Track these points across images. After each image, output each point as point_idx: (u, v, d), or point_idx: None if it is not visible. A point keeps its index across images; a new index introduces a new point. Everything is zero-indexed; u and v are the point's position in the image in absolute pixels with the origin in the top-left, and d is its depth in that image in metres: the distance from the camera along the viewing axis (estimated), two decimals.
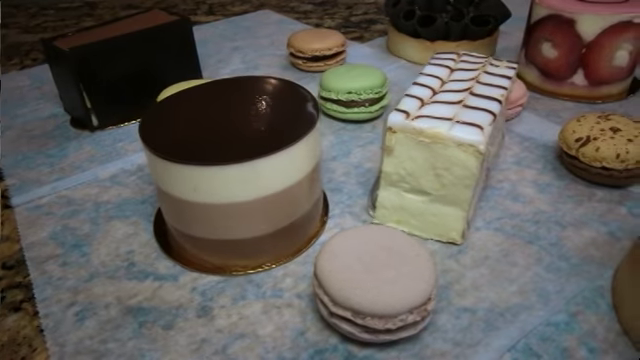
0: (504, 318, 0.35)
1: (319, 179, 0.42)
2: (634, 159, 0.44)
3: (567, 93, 0.62)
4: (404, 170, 0.40)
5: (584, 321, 0.34)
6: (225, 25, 0.91)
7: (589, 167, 0.46)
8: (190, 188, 0.36)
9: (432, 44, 0.70)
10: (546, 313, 0.35)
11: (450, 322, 0.35)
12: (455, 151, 0.37)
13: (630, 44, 0.58)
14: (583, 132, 0.47)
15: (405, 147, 0.39)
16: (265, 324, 0.35)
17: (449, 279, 0.38)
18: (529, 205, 0.45)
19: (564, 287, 0.37)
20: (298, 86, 0.43)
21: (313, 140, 0.39)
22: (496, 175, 0.49)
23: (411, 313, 0.32)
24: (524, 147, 0.53)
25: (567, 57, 0.60)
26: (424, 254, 0.34)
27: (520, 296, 0.36)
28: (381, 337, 0.32)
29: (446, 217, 0.40)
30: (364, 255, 0.34)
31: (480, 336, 0.34)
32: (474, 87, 0.42)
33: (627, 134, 0.45)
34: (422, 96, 0.41)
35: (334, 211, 0.46)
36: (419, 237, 0.42)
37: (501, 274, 0.38)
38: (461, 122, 0.37)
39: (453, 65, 0.47)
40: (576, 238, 0.41)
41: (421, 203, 0.41)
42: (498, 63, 0.47)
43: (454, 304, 0.36)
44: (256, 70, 0.73)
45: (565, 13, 0.58)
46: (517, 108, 0.57)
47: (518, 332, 0.34)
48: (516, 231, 0.42)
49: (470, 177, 0.37)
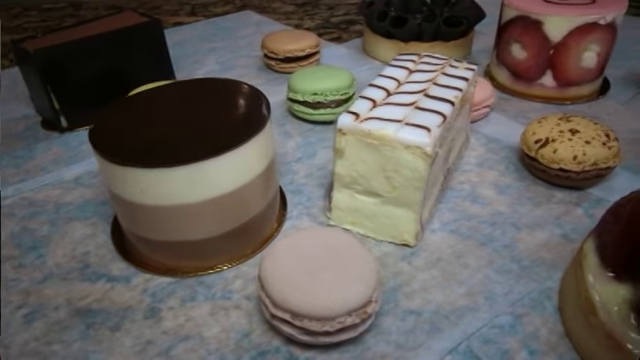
0: (449, 320, 0.35)
1: (274, 180, 0.42)
2: (591, 161, 0.44)
3: (537, 94, 0.62)
4: (355, 172, 0.40)
5: (528, 323, 0.34)
6: (205, 26, 0.92)
7: (548, 169, 0.46)
8: (137, 190, 0.36)
9: (405, 45, 0.70)
10: (491, 315, 0.35)
11: (395, 324, 0.35)
12: (403, 153, 0.37)
13: (597, 45, 0.58)
14: (543, 134, 0.47)
15: (355, 149, 0.39)
16: (211, 325, 0.35)
17: (399, 281, 0.38)
18: (487, 207, 0.45)
19: (512, 289, 0.37)
20: (251, 87, 0.43)
21: (264, 141, 0.39)
22: (458, 176, 0.49)
23: (350, 315, 0.32)
24: (489, 148, 0.53)
25: (536, 58, 0.60)
26: (367, 257, 0.34)
27: (467, 298, 0.36)
28: (320, 339, 0.32)
29: (398, 219, 0.40)
30: (307, 257, 0.34)
31: (423, 338, 0.34)
32: (429, 89, 0.42)
33: (585, 136, 0.45)
34: (375, 98, 0.41)
35: (292, 213, 0.46)
36: (373, 239, 0.42)
37: (451, 276, 0.38)
38: (410, 124, 0.37)
39: (413, 67, 0.47)
40: (529, 240, 0.41)
41: (374, 205, 0.41)
42: (458, 64, 0.47)
43: (401, 306, 0.36)
44: (231, 71, 0.73)
45: (532, 14, 0.58)
46: (484, 109, 0.57)
47: (461, 334, 0.34)
48: (471, 233, 0.42)
49: (419, 179, 0.37)
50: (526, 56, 0.60)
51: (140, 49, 0.63)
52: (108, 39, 0.59)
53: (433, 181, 0.41)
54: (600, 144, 0.45)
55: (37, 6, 1.05)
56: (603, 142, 0.45)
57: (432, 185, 0.41)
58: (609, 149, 0.45)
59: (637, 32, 0.80)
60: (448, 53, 0.70)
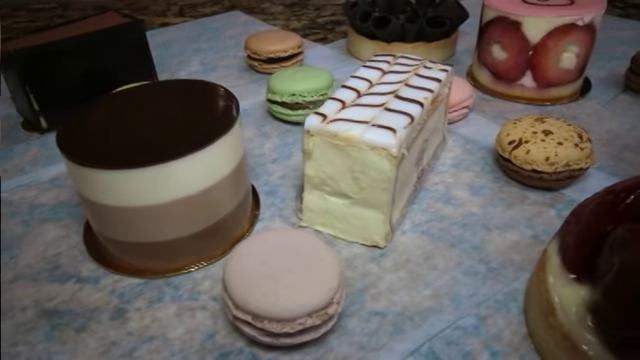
0: (413, 322, 0.35)
1: (244, 181, 0.43)
2: (563, 162, 0.44)
3: (517, 95, 0.62)
4: (324, 173, 0.40)
5: (492, 324, 0.34)
6: (192, 26, 0.92)
7: (521, 170, 0.46)
8: (102, 192, 0.36)
9: (389, 46, 0.70)
10: (455, 317, 0.35)
11: (359, 325, 0.35)
12: (369, 154, 0.37)
13: (576, 46, 0.57)
14: (516, 135, 0.47)
15: (323, 150, 0.39)
16: (176, 327, 0.35)
17: (366, 283, 0.38)
18: (460, 208, 0.45)
19: (478, 291, 0.37)
20: (221, 88, 0.43)
21: (232, 142, 0.39)
22: (433, 177, 0.49)
23: (310, 317, 0.32)
24: (465, 149, 0.53)
25: (515, 59, 0.60)
26: (330, 259, 0.34)
27: (433, 300, 0.36)
28: (281, 341, 0.32)
29: (368, 220, 0.40)
30: (270, 259, 0.34)
31: (386, 340, 0.34)
32: (400, 90, 0.42)
33: (558, 137, 0.45)
34: (345, 99, 0.41)
35: (265, 214, 0.46)
36: (344, 240, 0.42)
37: (419, 277, 0.38)
38: (376, 125, 0.37)
39: (386, 67, 0.47)
40: (499, 241, 0.41)
41: (343, 206, 0.41)
42: (432, 65, 0.47)
43: (366, 307, 0.36)
44: (213, 72, 0.73)
45: (511, 15, 0.58)
46: (462, 110, 0.57)
47: (424, 336, 0.34)
48: (442, 234, 0.42)
49: (385, 180, 0.37)
50: (506, 57, 0.60)
51: (121, 50, 0.63)
52: (88, 40, 0.60)
53: (403, 182, 0.41)
54: (572, 145, 0.45)
55: (26, 6, 1.05)
56: (575, 143, 0.45)
57: (402, 186, 0.41)
58: (581, 150, 0.45)
59: (620, 33, 0.80)
60: (431, 53, 0.71)
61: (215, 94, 0.43)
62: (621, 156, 0.51)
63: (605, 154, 0.51)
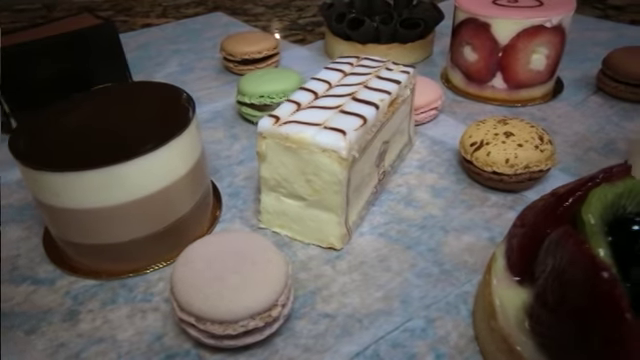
0: (361, 324, 0.35)
1: (201, 182, 0.43)
2: (523, 164, 0.44)
3: (489, 96, 0.62)
4: (279, 175, 0.40)
5: (440, 327, 0.34)
6: (173, 27, 0.92)
7: (482, 172, 0.46)
8: (53, 194, 0.36)
9: (364, 47, 0.70)
10: (404, 319, 0.35)
11: (307, 328, 0.35)
12: (320, 157, 0.37)
13: (545, 48, 0.57)
14: (478, 136, 0.47)
15: (276, 152, 0.39)
16: (126, 328, 0.35)
17: (319, 284, 0.38)
18: (420, 210, 0.45)
19: (429, 293, 0.37)
20: (178, 89, 0.43)
21: (187, 143, 0.39)
22: (396, 179, 0.49)
23: (253, 319, 0.32)
24: (432, 151, 0.53)
25: (486, 60, 0.60)
26: (276, 261, 0.34)
27: (383, 302, 0.36)
28: (225, 342, 0.32)
29: (323, 222, 0.40)
30: (217, 261, 0.34)
31: (332, 342, 0.34)
32: (358, 92, 0.42)
33: (519, 139, 0.45)
34: (301, 101, 0.41)
35: (226, 215, 0.46)
36: (301, 242, 0.42)
37: (372, 280, 0.38)
38: (328, 127, 0.37)
39: (349, 69, 0.47)
40: (455, 244, 0.41)
41: (299, 208, 0.41)
42: (393, 67, 0.47)
43: (317, 309, 0.36)
44: (190, 73, 0.73)
45: (480, 17, 0.58)
46: (431, 111, 0.57)
47: (370, 338, 0.34)
48: (400, 236, 0.42)
49: (337, 183, 0.37)
50: (477, 58, 0.60)
51: (94, 51, 0.63)
52: (59, 42, 0.60)
53: (358, 184, 0.41)
54: (532, 147, 0.45)
55: (11, 7, 1.06)
56: (536, 145, 0.45)
57: (358, 188, 0.41)
58: (541, 152, 0.45)
59: (597, 34, 0.80)
60: (406, 55, 0.71)
61: (172, 96, 0.43)
62: (586, 157, 0.51)
63: (570, 155, 0.51)
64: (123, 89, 0.45)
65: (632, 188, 0.30)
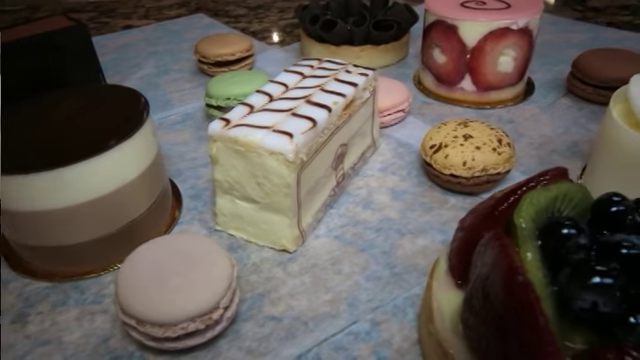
0: (306, 327, 0.35)
1: (157, 184, 0.43)
2: (480, 167, 0.44)
3: (458, 98, 0.62)
4: (231, 178, 0.40)
5: (385, 330, 0.35)
6: (154, 29, 0.92)
7: (441, 174, 0.46)
8: (2, 197, 0.36)
9: (337, 49, 0.70)
10: (349, 322, 0.35)
11: (252, 330, 0.35)
12: (268, 160, 0.37)
13: (513, 50, 0.57)
14: (438, 139, 0.47)
15: (227, 155, 0.39)
16: (74, 330, 0.36)
17: (269, 287, 0.38)
18: (378, 213, 0.45)
19: (377, 296, 0.37)
20: (135, 93, 0.43)
21: (137, 147, 0.39)
22: (357, 181, 0.49)
23: (193, 321, 0.32)
24: (396, 153, 0.53)
25: (454, 63, 0.60)
26: (221, 263, 0.34)
27: (330, 305, 0.36)
28: (166, 345, 0.32)
29: (275, 225, 0.40)
30: (162, 263, 0.34)
31: (275, 345, 0.34)
32: (314, 95, 0.42)
33: (477, 141, 0.45)
34: (255, 104, 0.41)
35: (185, 217, 0.46)
36: (255, 244, 0.42)
37: (321, 283, 0.38)
38: (277, 131, 0.37)
39: (308, 72, 0.47)
40: (409, 246, 0.41)
41: (252, 211, 0.41)
42: (353, 70, 0.47)
43: (264, 312, 0.36)
44: (165, 75, 0.73)
45: (448, 19, 0.58)
46: (398, 113, 0.57)
47: (313, 341, 0.34)
48: (354, 239, 0.42)
49: (286, 186, 0.37)
50: (446, 60, 0.60)
51: (65, 53, 0.63)
52: (28, 44, 0.60)
53: (311, 187, 0.41)
54: (490, 150, 0.45)
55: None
56: (494, 148, 0.45)
57: (311, 191, 0.41)
58: (499, 155, 0.45)
59: (573, 36, 0.80)
60: (380, 56, 0.71)
61: (127, 99, 0.43)
62: (549, 160, 0.51)
63: (534, 158, 0.51)
64: (78, 92, 0.45)
65: (567, 192, 0.30)
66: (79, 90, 0.46)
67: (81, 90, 0.46)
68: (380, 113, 0.55)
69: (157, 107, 0.64)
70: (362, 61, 0.71)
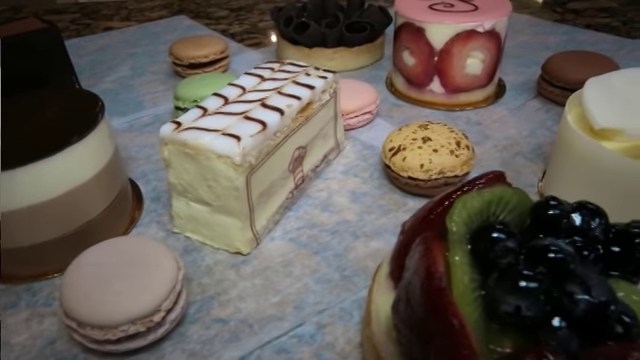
0: (251, 329, 0.35)
1: (113, 186, 0.43)
2: (437, 169, 0.44)
3: (428, 100, 0.62)
4: (184, 181, 0.40)
5: (330, 333, 0.35)
6: (134, 31, 0.92)
7: (399, 177, 0.46)
8: None
9: (310, 51, 0.70)
10: (294, 325, 0.35)
11: (198, 333, 0.35)
12: (216, 163, 0.37)
13: (481, 52, 0.57)
14: (397, 141, 0.47)
15: (178, 158, 0.39)
16: (22, 332, 0.36)
17: (219, 289, 0.38)
18: (336, 215, 0.45)
19: (324, 299, 0.37)
20: (93, 96, 0.44)
21: (89, 149, 0.39)
22: (318, 184, 0.49)
23: (134, 324, 0.32)
24: (361, 155, 0.53)
25: (423, 65, 0.60)
26: (166, 266, 0.34)
27: (278, 307, 0.36)
28: (107, 347, 0.32)
29: (228, 228, 0.40)
30: (106, 266, 0.34)
31: (218, 347, 0.34)
32: (269, 97, 0.43)
33: (435, 144, 0.45)
34: (209, 107, 0.41)
35: (144, 219, 0.46)
36: (211, 247, 0.42)
37: (271, 285, 0.38)
38: (226, 134, 0.37)
39: (268, 74, 0.47)
40: (362, 249, 0.41)
41: (206, 213, 0.41)
42: (313, 72, 0.47)
43: (212, 315, 0.36)
44: (140, 77, 0.73)
45: (415, 21, 0.58)
46: (365, 115, 0.57)
47: (256, 343, 0.34)
48: (309, 241, 0.42)
49: (235, 189, 0.37)
50: (415, 62, 0.60)
51: (36, 56, 0.63)
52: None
53: (265, 190, 0.41)
54: (448, 152, 0.45)
55: None
56: (451, 150, 0.45)
57: (266, 194, 0.41)
58: (456, 157, 0.45)
59: (549, 38, 0.80)
60: (353, 58, 0.71)
61: (84, 102, 0.43)
62: (511, 162, 0.51)
63: (497, 160, 0.51)
64: (35, 95, 0.45)
65: (502, 195, 0.30)
66: (36, 92, 0.46)
67: (38, 92, 0.46)
68: (346, 115, 0.55)
69: (129, 109, 0.64)
70: (335, 63, 0.71)
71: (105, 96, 0.69)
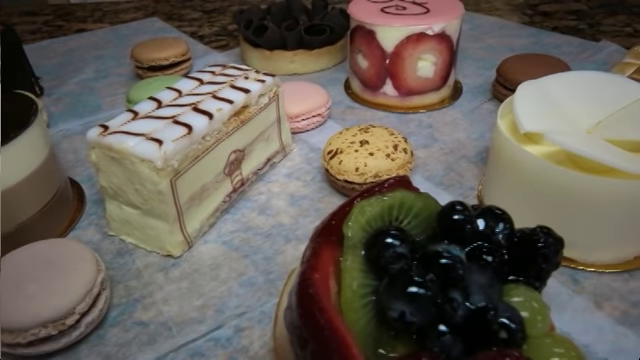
0: (170, 332, 0.35)
1: (46, 188, 0.43)
2: (372, 172, 0.44)
3: (382, 103, 0.62)
4: (113, 184, 0.40)
5: (246, 336, 0.35)
6: (105, 33, 0.92)
7: (336, 180, 0.46)
8: None
9: (271, 53, 0.71)
10: (212, 328, 0.35)
11: (117, 336, 0.35)
12: (140, 167, 0.37)
13: (432, 55, 0.58)
14: (336, 144, 0.47)
15: (105, 162, 0.39)
16: None
17: (145, 292, 0.38)
18: (272, 218, 0.45)
19: (246, 302, 0.37)
20: (29, 99, 0.44)
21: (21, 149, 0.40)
22: (260, 187, 0.49)
23: (45, 327, 0.32)
24: (307, 158, 0.53)
25: (375, 68, 0.60)
26: (83, 269, 0.34)
27: (199, 311, 0.37)
28: (19, 350, 0.33)
29: (159, 230, 0.41)
30: (23, 269, 0.34)
31: (134, 350, 0.34)
32: (203, 101, 0.43)
33: (372, 147, 0.46)
34: (140, 110, 0.42)
35: (83, 222, 0.46)
36: (144, 249, 0.42)
37: (197, 288, 0.39)
38: (151, 138, 0.38)
39: (208, 78, 0.47)
40: (292, 253, 0.41)
41: (138, 216, 0.41)
42: (252, 76, 0.47)
43: (133, 318, 0.36)
44: (104, 79, 0.74)
45: (366, 24, 0.58)
46: (314, 118, 0.57)
47: (171, 347, 0.34)
48: (241, 245, 0.42)
49: (159, 192, 0.38)
50: (368, 65, 0.60)
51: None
52: None
53: (196, 193, 0.41)
54: (384, 156, 0.45)
55: None
56: (387, 154, 0.45)
57: (198, 197, 0.42)
58: (392, 161, 0.45)
59: (515, 40, 0.80)
60: (313, 61, 0.71)
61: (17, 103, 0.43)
62: (455, 166, 0.51)
63: (442, 163, 0.51)
64: None
65: (403, 201, 0.30)
66: None
67: None
68: (294, 118, 0.55)
69: (86, 111, 0.65)
70: (296, 65, 0.71)
71: (66, 98, 0.70)
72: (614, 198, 0.37)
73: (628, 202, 0.37)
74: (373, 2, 0.62)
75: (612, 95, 0.43)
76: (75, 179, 0.51)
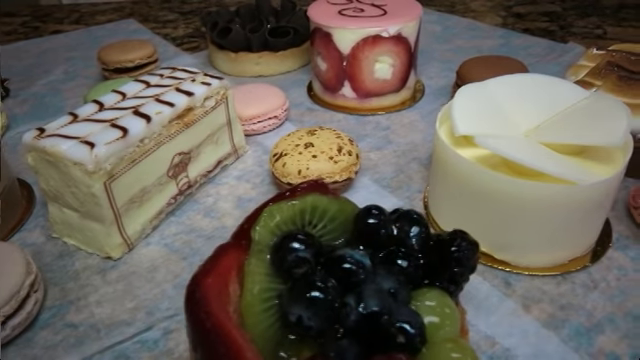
0: (98, 334, 0.35)
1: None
2: (314, 175, 0.44)
3: (341, 105, 0.62)
4: (52, 187, 0.41)
5: (173, 339, 0.35)
6: (79, 35, 0.93)
7: (281, 182, 0.46)
8: None
9: (236, 55, 0.71)
10: (140, 330, 0.35)
11: (45, 338, 0.35)
12: (73, 170, 0.37)
13: (389, 57, 0.58)
14: (281, 147, 0.47)
15: (42, 165, 0.39)
16: None
17: (80, 294, 0.39)
18: (216, 221, 0.45)
19: (177, 304, 0.37)
20: None
21: None
22: (209, 189, 0.49)
23: None
24: (259, 160, 0.53)
25: (334, 70, 0.60)
26: (10, 272, 0.35)
27: (130, 313, 0.37)
28: None
29: (97, 233, 0.41)
30: None
31: (60, 352, 0.34)
32: (144, 104, 0.43)
33: (316, 150, 0.46)
34: (81, 113, 0.42)
35: (30, 224, 0.46)
36: (85, 251, 0.43)
37: (132, 290, 0.39)
38: (85, 141, 0.38)
39: (155, 81, 0.48)
40: None
41: (77, 218, 0.41)
42: (199, 78, 0.48)
43: (65, 320, 0.37)
44: (71, 81, 0.74)
45: (324, 27, 0.58)
46: (271, 120, 0.57)
47: (97, 348, 0.34)
48: (182, 247, 0.43)
49: (93, 195, 0.38)
50: (327, 67, 0.61)
51: None
52: None
53: (136, 196, 0.41)
54: (326, 158, 0.45)
55: None
56: (331, 156, 0.45)
57: (138, 200, 0.42)
58: (335, 163, 0.45)
59: (484, 42, 0.80)
60: (278, 63, 0.72)
61: None
62: (405, 169, 0.51)
63: (393, 166, 0.51)
64: None
65: (316, 205, 0.30)
66: None
67: None
68: (248, 120, 0.55)
69: (48, 114, 0.65)
70: (261, 67, 0.71)
71: (31, 100, 0.70)
72: (546, 202, 0.37)
73: (560, 206, 0.37)
74: (332, 4, 0.62)
75: (553, 98, 0.43)
76: (27, 181, 0.52)
